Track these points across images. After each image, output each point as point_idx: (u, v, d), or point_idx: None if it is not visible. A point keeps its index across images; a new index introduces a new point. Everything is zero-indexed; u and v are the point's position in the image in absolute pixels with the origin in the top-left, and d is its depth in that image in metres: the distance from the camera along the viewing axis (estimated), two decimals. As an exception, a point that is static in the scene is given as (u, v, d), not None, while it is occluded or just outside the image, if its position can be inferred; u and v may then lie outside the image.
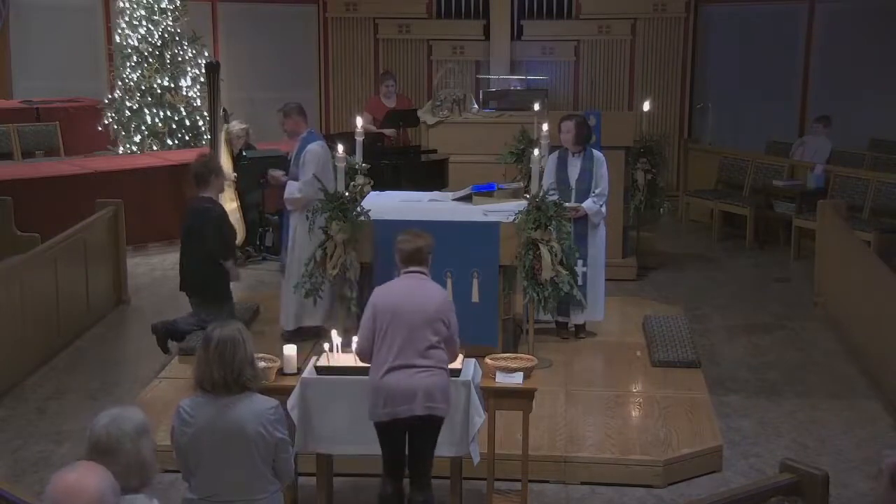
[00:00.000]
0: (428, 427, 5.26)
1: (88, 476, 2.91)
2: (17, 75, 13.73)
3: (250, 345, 4.26)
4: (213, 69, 11.08)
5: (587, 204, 8.07)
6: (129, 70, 12.94)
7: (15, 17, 13.59)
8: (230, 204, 10.97)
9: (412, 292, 5.28)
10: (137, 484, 3.31)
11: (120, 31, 13.02)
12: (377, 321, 5.25)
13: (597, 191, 8.12)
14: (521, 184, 8.89)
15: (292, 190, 7.92)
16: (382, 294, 5.35)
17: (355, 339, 5.50)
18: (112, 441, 3.32)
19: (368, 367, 5.35)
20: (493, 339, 7.37)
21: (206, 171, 7.80)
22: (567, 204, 7.80)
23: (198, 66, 13.14)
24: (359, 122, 8.22)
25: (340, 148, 7.51)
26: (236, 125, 11.32)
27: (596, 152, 8.27)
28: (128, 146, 12.98)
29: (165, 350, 7.99)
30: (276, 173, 9.14)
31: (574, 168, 8.15)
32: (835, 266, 9.45)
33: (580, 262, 8.02)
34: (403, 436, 5.30)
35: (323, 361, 5.68)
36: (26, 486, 5.75)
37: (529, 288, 7.32)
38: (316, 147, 7.93)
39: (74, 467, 2.97)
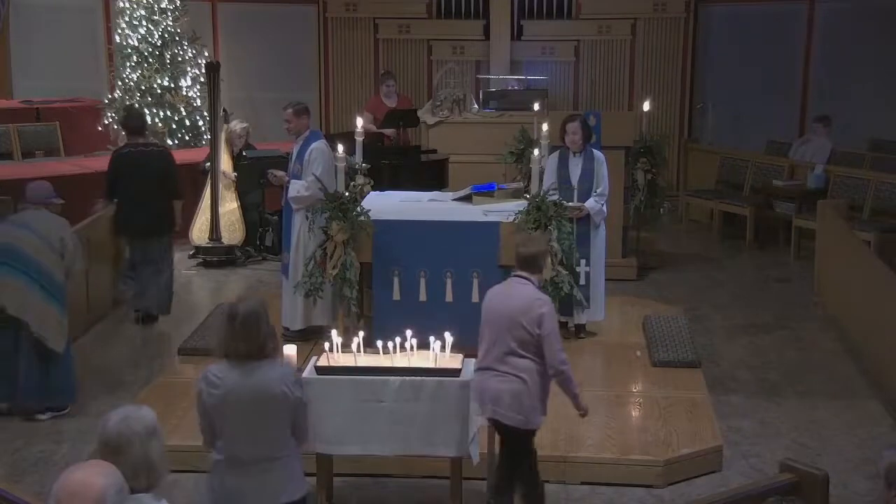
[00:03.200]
0: (507, 431, 5.39)
1: (94, 475, 2.91)
2: (17, 75, 13.70)
3: (269, 318, 4.45)
4: (213, 69, 11.09)
5: (590, 203, 8.07)
6: (129, 70, 12.93)
7: (15, 17, 13.56)
8: (230, 204, 10.99)
9: (504, 297, 5.39)
10: (144, 484, 3.31)
11: (120, 31, 13.01)
12: (482, 321, 5.43)
13: (598, 190, 8.12)
14: (522, 184, 8.90)
15: (298, 188, 7.91)
16: (488, 295, 5.53)
17: (356, 339, 5.55)
18: (122, 440, 3.32)
19: (367, 367, 5.47)
20: (493, 339, 7.35)
21: (143, 119, 9.13)
22: (570, 204, 7.80)
23: (198, 66, 13.13)
24: (359, 122, 8.22)
25: (340, 148, 7.51)
26: (237, 125, 11.33)
27: (596, 152, 8.28)
28: (127, 146, 12.97)
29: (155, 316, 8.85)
30: (279, 173, 9.15)
31: (575, 168, 8.15)
32: (835, 266, 9.45)
33: (583, 262, 8.02)
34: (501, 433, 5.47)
35: (323, 361, 5.68)
36: (26, 486, 5.75)
37: (529, 288, 7.30)
38: (321, 145, 7.95)
39: (82, 466, 2.97)
